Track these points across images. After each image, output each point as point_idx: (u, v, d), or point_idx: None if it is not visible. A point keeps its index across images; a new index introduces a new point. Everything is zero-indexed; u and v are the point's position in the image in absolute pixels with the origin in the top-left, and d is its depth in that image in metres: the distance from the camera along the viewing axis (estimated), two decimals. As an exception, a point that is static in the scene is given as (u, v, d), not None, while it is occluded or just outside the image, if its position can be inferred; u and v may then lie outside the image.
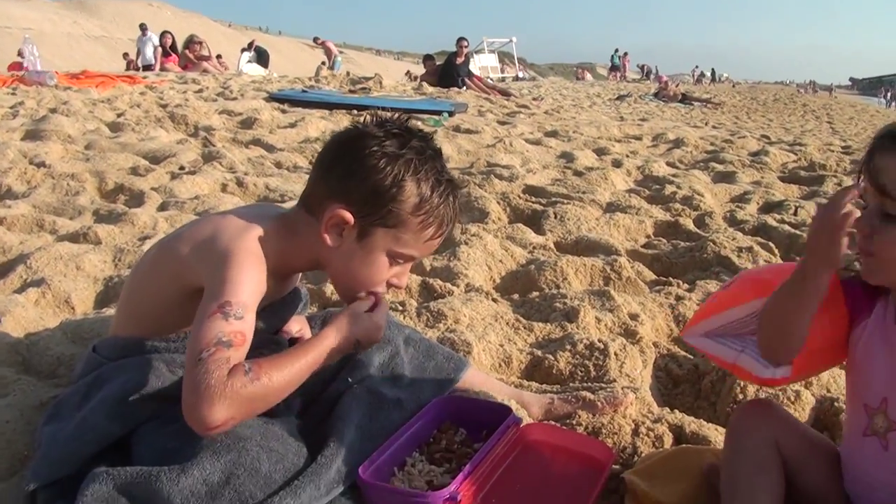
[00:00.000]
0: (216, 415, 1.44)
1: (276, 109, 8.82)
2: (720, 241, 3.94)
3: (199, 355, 1.49)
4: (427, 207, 1.74)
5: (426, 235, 1.78)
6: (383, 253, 1.77)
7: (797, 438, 1.72)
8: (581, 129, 9.27)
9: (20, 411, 1.99)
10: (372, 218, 1.73)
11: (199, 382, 1.45)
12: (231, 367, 1.48)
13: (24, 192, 4.57)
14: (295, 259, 1.84)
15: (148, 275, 1.88)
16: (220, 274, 1.62)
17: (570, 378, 2.51)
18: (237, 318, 1.56)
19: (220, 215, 1.83)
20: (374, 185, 1.70)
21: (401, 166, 1.71)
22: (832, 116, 23.35)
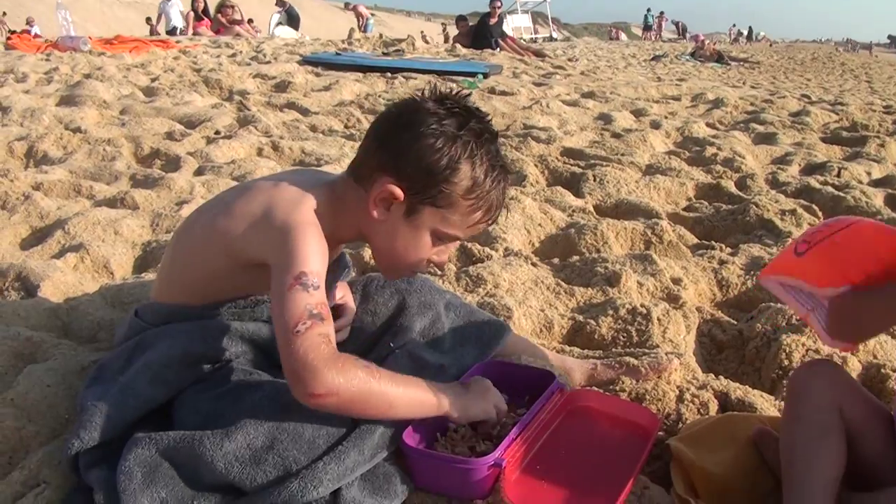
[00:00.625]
0: (322, 381, 1.46)
1: (309, 73, 8.79)
2: (763, 204, 3.87)
3: (295, 328, 1.50)
4: (479, 192, 1.71)
5: (474, 219, 1.75)
6: (428, 231, 1.75)
7: (860, 403, 1.67)
8: (618, 89, 9.15)
9: (62, 375, 1.99)
10: (422, 196, 1.70)
11: (304, 353, 1.48)
12: (333, 345, 1.53)
13: (60, 157, 4.59)
14: (343, 230, 1.81)
15: (194, 248, 1.86)
16: (287, 247, 1.61)
17: (613, 343, 2.47)
18: (315, 287, 1.56)
19: (271, 185, 1.79)
20: (429, 164, 1.67)
21: (458, 148, 1.68)
22: (871, 76, 22.85)
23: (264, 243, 1.67)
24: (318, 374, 1.47)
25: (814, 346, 2.35)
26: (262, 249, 1.68)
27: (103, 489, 1.55)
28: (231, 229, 1.73)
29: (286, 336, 1.51)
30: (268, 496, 1.50)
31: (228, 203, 1.80)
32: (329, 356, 1.49)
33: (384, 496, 1.59)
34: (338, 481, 1.52)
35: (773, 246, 3.39)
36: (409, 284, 2.15)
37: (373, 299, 2.12)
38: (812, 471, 1.58)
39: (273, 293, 1.58)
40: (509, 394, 1.98)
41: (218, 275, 1.80)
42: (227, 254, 1.76)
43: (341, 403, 1.51)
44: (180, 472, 1.55)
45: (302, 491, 1.49)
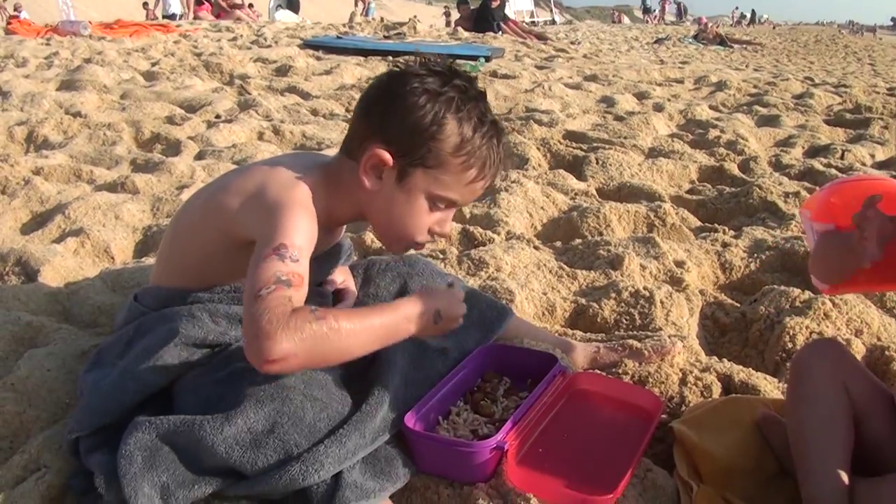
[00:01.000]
0: (278, 346, 1.38)
1: (310, 56, 8.76)
2: (766, 187, 3.85)
3: (257, 293, 1.44)
4: (468, 148, 1.68)
5: (467, 178, 1.71)
6: (423, 195, 1.71)
7: (865, 383, 1.66)
8: (621, 72, 9.10)
9: (62, 360, 1.99)
10: (411, 158, 1.67)
11: (261, 316, 1.40)
12: (294, 306, 1.44)
13: (60, 142, 4.57)
14: (340, 210, 1.79)
15: (192, 227, 1.84)
16: (273, 221, 1.58)
17: (615, 326, 2.46)
18: (293, 260, 1.51)
19: (267, 166, 1.77)
20: (413, 122, 1.65)
21: (442, 104, 1.65)
22: (874, 58, 22.76)
23: (253, 219, 1.65)
24: (269, 340, 1.38)
25: (817, 329, 2.34)
26: (251, 225, 1.65)
27: (104, 473, 1.54)
28: (226, 206, 1.72)
29: (248, 302, 1.45)
30: (269, 480, 1.49)
31: (226, 182, 1.79)
32: (281, 316, 1.40)
33: (386, 479, 1.58)
34: (339, 464, 1.51)
35: (776, 228, 3.38)
36: (410, 268, 2.14)
37: (374, 283, 2.11)
38: (827, 452, 1.57)
39: (250, 263, 1.53)
40: (511, 377, 1.98)
41: (215, 255, 1.78)
42: (222, 232, 1.74)
43: (301, 365, 1.45)
44: (181, 456, 1.54)
45: (303, 474, 1.47)
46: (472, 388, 1.94)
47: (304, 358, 1.42)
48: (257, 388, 1.58)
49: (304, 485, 1.48)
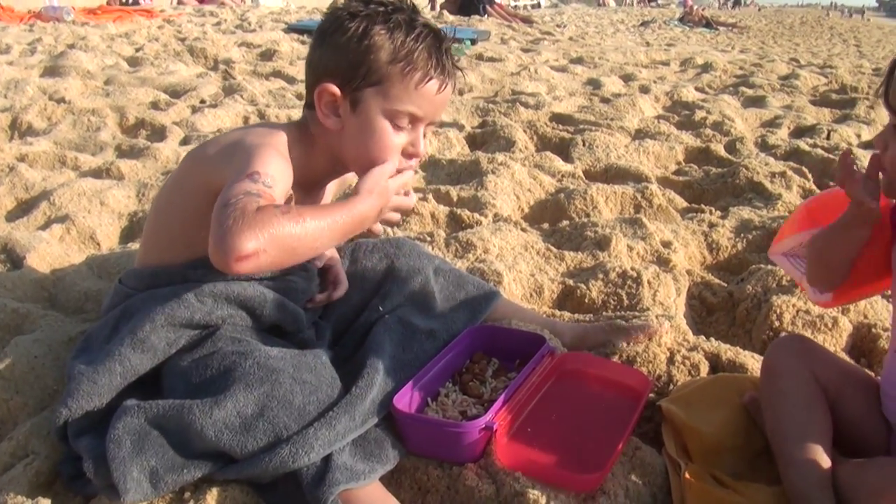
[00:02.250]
0: (244, 242, 1.34)
1: (295, 40, 8.71)
2: (752, 167, 3.86)
3: (226, 202, 1.41)
4: (404, 51, 1.68)
5: (414, 82, 1.70)
6: (381, 116, 1.71)
7: (834, 371, 1.71)
8: (607, 55, 9.10)
9: (48, 346, 1.98)
10: (355, 81, 1.69)
11: (226, 217, 1.37)
12: (258, 205, 1.41)
13: (44, 128, 4.53)
14: (315, 161, 1.81)
15: (174, 194, 1.84)
16: (247, 157, 1.58)
17: (603, 307, 2.47)
18: (266, 185, 1.50)
19: (239, 129, 1.83)
20: (344, 46, 1.67)
21: (365, 19, 1.68)
22: (859, 39, 22.76)
23: (230, 162, 1.62)
24: (238, 236, 1.35)
25: (804, 307, 2.35)
26: (228, 170, 1.59)
27: (92, 458, 1.53)
28: (205, 157, 1.75)
29: (215, 212, 1.42)
30: (259, 463, 1.49)
31: (203, 148, 1.81)
32: (247, 212, 1.38)
33: (376, 461, 1.58)
34: (329, 447, 1.51)
35: (762, 208, 3.39)
36: (397, 248, 2.13)
37: (361, 263, 2.11)
38: (805, 440, 1.59)
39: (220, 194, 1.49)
40: (500, 358, 1.99)
41: (198, 218, 1.66)
42: (202, 185, 1.69)
43: (270, 261, 1.40)
44: (170, 439, 1.54)
45: (293, 457, 1.48)
46: (460, 369, 1.94)
47: (273, 253, 1.39)
48: (246, 371, 1.58)
49: (294, 467, 1.49)
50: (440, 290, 2.12)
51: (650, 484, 1.65)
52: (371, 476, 1.55)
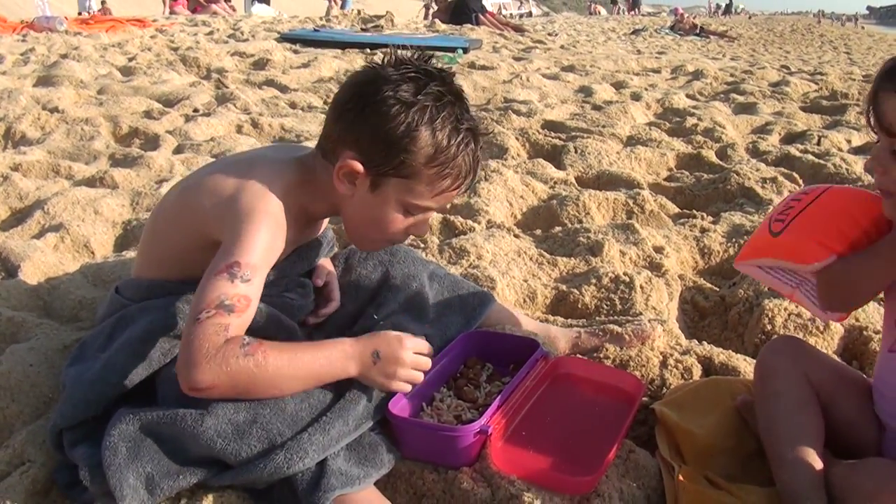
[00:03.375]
0: (200, 376, 1.45)
1: (288, 50, 8.73)
2: (744, 173, 3.88)
3: (198, 315, 1.48)
4: (442, 158, 1.65)
5: (441, 187, 1.69)
6: (397, 204, 1.70)
7: (827, 372, 1.73)
8: (598, 62, 9.14)
9: (44, 355, 1.98)
10: (384, 168, 1.65)
11: (193, 341, 1.46)
12: (229, 335, 1.47)
13: (38, 138, 4.54)
14: (316, 205, 1.80)
15: (170, 222, 1.84)
16: (236, 232, 1.59)
17: (596, 312, 2.48)
18: (244, 280, 1.53)
19: (244, 166, 1.75)
20: (385, 134, 1.62)
21: (415, 114, 1.62)
22: (850, 47, 22.92)
23: (222, 225, 1.65)
24: (194, 369, 1.45)
25: (796, 311, 2.36)
26: (220, 229, 1.65)
27: (88, 465, 1.54)
28: (200, 207, 1.72)
29: (187, 320, 1.51)
30: (253, 469, 1.50)
31: (201, 180, 1.78)
32: (212, 347, 1.45)
33: (371, 466, 1.59)
34: (323, 452, 1.52)
35: (754, 213, 3.41)
36: (392, 256, 2.14)
37: (356, 271, 2.11)
38: (797, 441, 1.61)
39: (205, 272, 1.56)
40: (493, 363, 1.99)
41: (192, 250, 1.76)
42: (197, 230, 1.74)
43: (224, 394, 1.49)
44: (165, 447, 1.54)
45: (288, 462, 1.49)
46: (454, 374, 1.95)
47: (225, 389, 1.48)
48: None
49: (289, 473, 1.49)
50: (435, 295, 2.12)
51: (644, 486, 1.66)
52: (366, 481, 1.56)
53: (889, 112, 1.47)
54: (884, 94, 1.48)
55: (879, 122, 1.49)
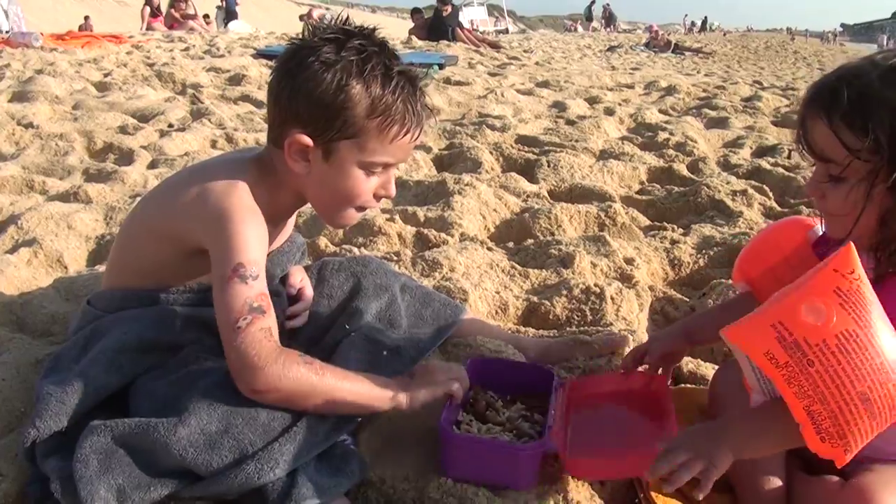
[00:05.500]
0: (263, 379, 1.51)
1: (264, 66, 8.73)
2: (714, 185, 3.93)
3: (235, 324, 1.52)
4: (382, 107, 1.65)
5: (391, 136, 1.68)
6: (355, 166, 1.70)
7: None
8: (573, 78, 9.21)
9: (16, 369, 1.98)
10: (329, 133, 1.65)
11: (245, 349, 1.51)
12: (273, 338, 1.56)
13: (12, 153, 4.52)
14: (281, 199, 1.80)
15: (142, 235, 1.85)
16: (223, 235, 1.60)
17: (567, 323, 2.50)
18: (254, 278, 1.57)
19: (202, 172, 1.77)
20: (319, 98, 1.63)
21: (341, 71, 1.63)
22: (823, 63, 23.23)
23: (202, 231, 1.67)
24: (260, 371, 1.50)
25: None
26: (200, 237, 1.67)
27: (59, 478, 1.53)
28: (172, 219, 1.74)
29: (228, 332, 1.54)
30: (224, 479, 1.49)
31: (170, 192, 1.80)
32: (271, 351, 1.52)
33: (342, 475, 1.59)
34: (294, 462, 1.52)
35: (724, 226, 3.45)
36: (364, 267, 2.15)
37: (328, 282, 2.12)
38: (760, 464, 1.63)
39: (213, 285, 1.59)
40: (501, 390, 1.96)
41: (167, 263, 1.79)
42: (171, 243, 1.75)
43: (282, 399, 1.54)
44: (136, 458, 1.54)
45: (258, 472, 1.49)
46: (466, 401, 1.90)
47: (284, 394, 1.53)
48: (211, 389, 1.59)
49: (260, 483, 1.49)
50: (406, 307, 2.14)
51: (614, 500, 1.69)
52: (336, 490, 1.56)
53: (819, 138, 1.47)
54: (811, 121, 1.49)
55: (811, 148, 1.50)
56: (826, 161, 1.48)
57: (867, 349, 1.30)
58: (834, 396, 1.29)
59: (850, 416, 1.29)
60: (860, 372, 1.29)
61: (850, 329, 1.31)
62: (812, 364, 1.31)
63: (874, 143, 1.40)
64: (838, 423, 1.30)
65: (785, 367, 1.32)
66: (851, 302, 1.33)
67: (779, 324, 1.35)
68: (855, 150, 1.42)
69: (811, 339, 1.32)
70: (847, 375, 1.29)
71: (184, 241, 1.73)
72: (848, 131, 1.42)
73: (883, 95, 1.41)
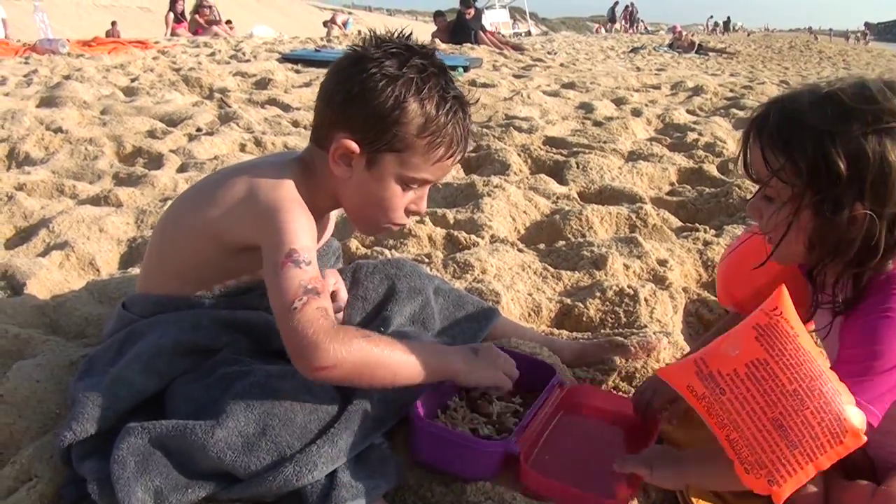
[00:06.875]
0: (324, 355, 1.49)
1: (289, 70, 8.78)
2: (745, 186, 3.89)
3: (292, 305, 1.51)
4: (433, 128, 1.68)
5: (436, 156, 1.71)
6: (394, 179, 1.71)
7: None
8: (598, 79, 9.18)
9: (50, 371, 1.98)
10: (377, 144, 1.67)
11: (302, 328, 1.50)
12: (330, 318, 1.54)
13: (42, 158, 4.55)
14: (320, 199, 1.80)
15: (182, 237, 1.84)
16: (274, 226, 1.61)
17: (601, 325, 2.48)
18: (307, 263, 1.57)
19: (247, 171, 1.78)
20: (375, 109, 1.64)
21: (401, 87, 1.65)
22: (848, 63, 23.06)
23: (252, 225, 1.67)
24: (320, 348, 1.48)
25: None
26: (250, 232, 1.68)
27: (96, 479, 1.54)
28: (217, 217, 1.73)
29: (284, 314, 1.52)
30: (263, 482, 1.50)
31: (210, 192, 1.79)
32: (329, 328, 1.50)
33: (380, 478, 1.59)
34: (332, 464, 1.52)
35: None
36: (398, 270, 2.15)
37: (362, 285, 2.12)
38: None
39: (266, 274, 1.58)
40: None
41: (208, 262, 1.79)
42: (216, 241, 1.75)
43: (346, 375, 1.53)
44: (174, 460, 1.54)
45: (297, 475, 1.49)
46: None
47: (348, 368, 1.52)
48: (248, 391, 1.59)
49: (298, 485, 1.49)
50: (440, 309, 2.13)
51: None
52: (375, 492, 1.56)
53: (755, 162, 1.55)
54: (750, 142, 1.55)
55: (746, 169, 1.57)
56: (758, 181, 1.56)
57: (777, 377, 1.33)
58: (746, 423, 1.32)
59: (765, 443, 1.31)
60: (770, 398, 1.32)
61: (759, 358, 1.35)
62: (724, 392, 1.35)
63: (793, 166, 1.46)
64: (756, 451, 1.32)
65: (703, 399, 1.37)
66: (767, 335, 1.37)
67: (700, 359, 1.41)
68: (776, 170, 1.48)
69: (723, 369, 1.37)
70: (756, 402, 1.33)
71: (228, 239, 1.73)
72: (770, 152, 1.50)
73: (807, 121, 1.46)
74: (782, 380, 1.32)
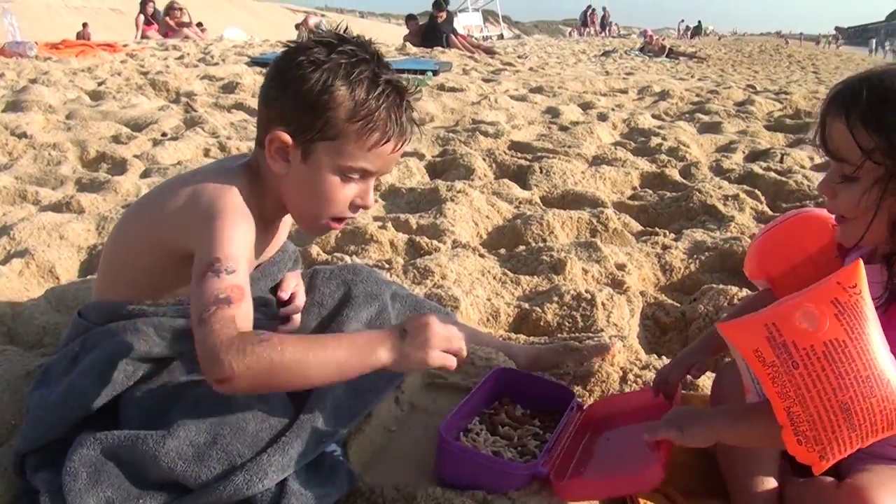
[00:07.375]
0: (220, 367, 1.41)
1: (258, 73, 8.72)
2: (706, 191, 3.94)
3: (200, 315, 1.46)
4: (364, 112, 1.64)
5: (370, 143, 1.67)
6: (332, 169, 1.69)
7: None
8: (566, 84, 9.22)
9: (7, 381, 1.98)
10: (309, 133, 1.65)
11: (206, 339, 1.43)
12: (239, 326, 1.46)
13: (5, 163, 4.52)
14: (268, 203, 1.78)
15: (133, 243, 1.83)
16: (207, 234, 1.58)
17: (558, 329, 2.51)
18: (229, 272, 1.52)
19: (193, 178, 1.76)
20: (303, 96, 1.63)
21: (328, 72, 1.63)
22: (817, 66, 23.29)
23: (190, 232, 1.65)
24: (216, 360, 1.41)
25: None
26: (188, 237, 1.65)
27: (49, 491, 1.54)
28: (162, 224, 1.72)
29: (194, 325, 1.48)
30: (213, 491, 1.49)
31: (158, 199, 1.79)
32: (227, 339, 1.43)
33: (331, 486, 1.60)
34: (282, 472, 1.52)
35: (715, 230, 3.46)
36: (354, 275, 2.15)
37: (319, 290, 2.12)
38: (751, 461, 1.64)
39: (191, 283, 1.55)
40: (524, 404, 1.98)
41: (158, 270, 1.78)
42: (162, 248, 1.74)
43: (248, 385, 1.45)
44: (126, 470, 1.54)
45: (247, 483, 1.49)
46: (486, 408, 1.93)
47: (248, 378, 1.43)
48: (199, 401, 1.59)
49: (249, 494, 1.49)
50: (396, 315, 2.14)
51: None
52: (325, 501, 1.56)
53: (835, 137, 1.49)
54: (830, 118, 1.50)
55: (826, 146, 1.52)
56: (840, 160, 1.50)
57: (854, 361, 1.31)
58: (814, 401, 1.30)
59: (828, 423, 1.30)
60: (843, 381, 1.30)
61: (839, 338, 1.32)
62: (797, 366, 1.32)
63: (888, 145, 1.42)
64: (816, 428, 1.31)
65: (771, 367, 1.34)
66: (847, 314, 1.34)
67: (771, 324, 1.36)
68: (868, 149, 1.44)
69: (800, 342, 1.33)
70: (829, 383, 1.30)
71: (174, 247, 1.71)
72: (863, 131, 1.44)
73: None
74: (857, 365, 1.31)
